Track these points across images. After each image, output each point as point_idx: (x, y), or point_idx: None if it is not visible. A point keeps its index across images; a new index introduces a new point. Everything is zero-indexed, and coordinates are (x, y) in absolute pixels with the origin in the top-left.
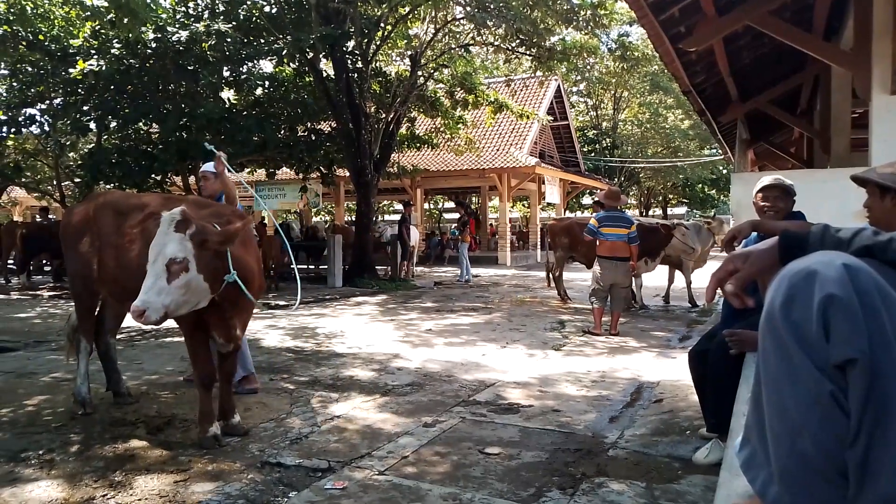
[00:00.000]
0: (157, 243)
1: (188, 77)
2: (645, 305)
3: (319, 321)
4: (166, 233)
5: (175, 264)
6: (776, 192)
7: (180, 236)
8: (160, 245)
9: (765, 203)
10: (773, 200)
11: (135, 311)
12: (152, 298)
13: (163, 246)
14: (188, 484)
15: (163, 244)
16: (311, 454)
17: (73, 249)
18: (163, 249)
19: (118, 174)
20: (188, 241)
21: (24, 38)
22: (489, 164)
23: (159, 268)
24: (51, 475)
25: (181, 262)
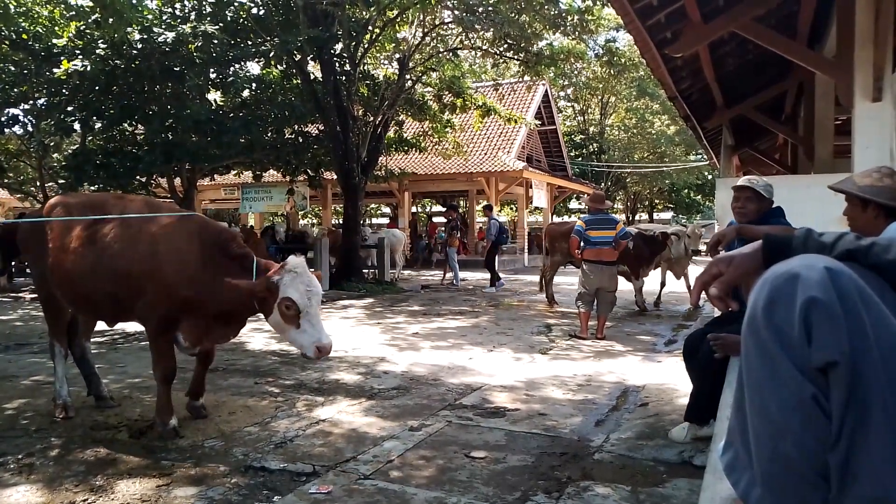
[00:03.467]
0: (305, 282)
1: (174, 78)
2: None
3: None
4: (309, 276)
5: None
6: (747, 193)
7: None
8: (310, 287)
9: (735, 203)
10: (744, 201)
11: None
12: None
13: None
14: (170, 488)
15: (313, 284)
16: (295, 458)
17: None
18: (316, 288)
19: (103, 176)
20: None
21: (6, 38)
22: (477, 167)
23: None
24: (30, 479)
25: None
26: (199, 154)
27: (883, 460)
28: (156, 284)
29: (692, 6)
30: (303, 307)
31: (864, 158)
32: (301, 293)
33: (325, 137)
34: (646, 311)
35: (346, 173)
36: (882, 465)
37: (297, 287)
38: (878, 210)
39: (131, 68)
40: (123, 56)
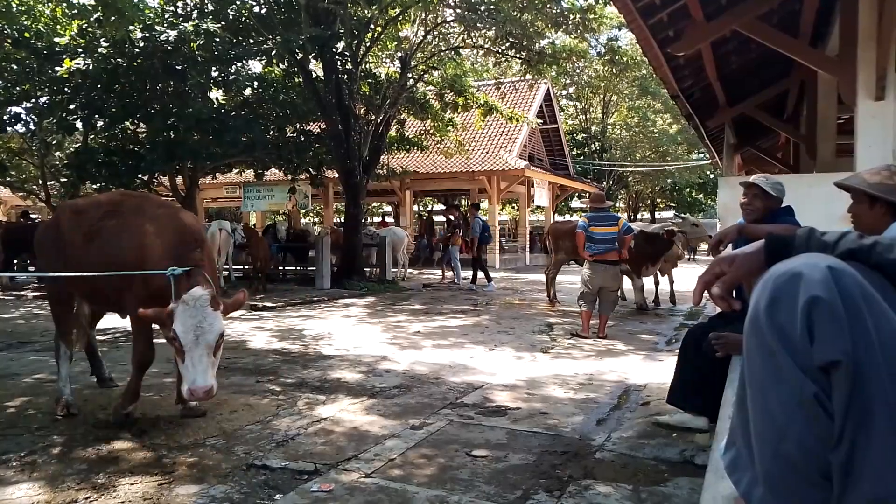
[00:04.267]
0: (196, 324)
1: (176, 77)
2: (646, 307)
3: (307, 323)
4: (205, 311)
5: (221, 338)
6: (754, 191)
7: (218, 314)
8: (200, 325)
9: (742, 200)
10: (751, 198)
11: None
12: (210, 377)
13: (208, 325)
14: (172, 486)
15: (205, 324)
16: (297, 456)
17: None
18: (210, 328)
19: (105, 174)
20: (222, 316)
21: (8, 36)
22: (479, 166)
23: (209, 346)
24: (32, 477)
25: (223, 336)
26: (201, 152)
27: (885, 460)
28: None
29: (695, 5)
30: (185, 344)
31: (866, 157)
32: (186, 328)
33: (326, 136)
34: (647, 310)
35: (348, 172)
36: (884, 464)
37: (184, 321)
38: (886, 208)
39: (133, 67)
40: (125, 54)
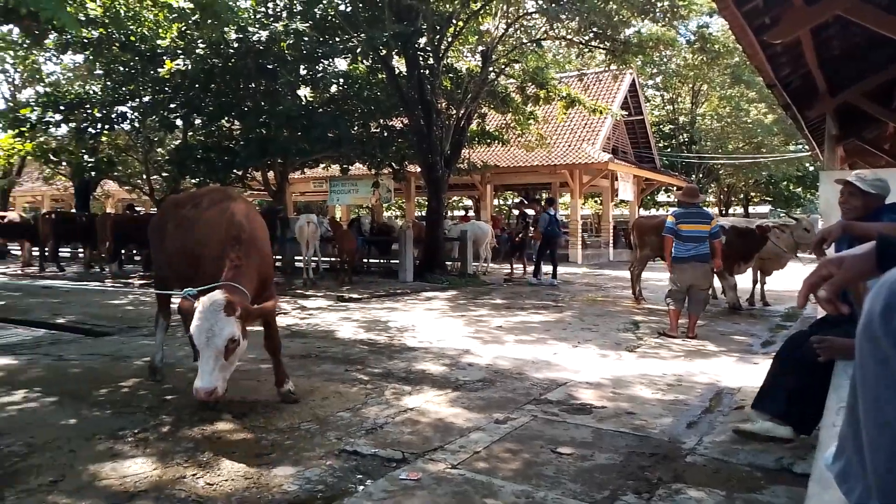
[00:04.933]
0: (207, 326)
1: (268, 76)
2: (739, 307)
3: (391, 315)
4: (216, 316)
5: (232, 343)
6: (849, 189)
7: (231, 319)
8: (210, 328)
9: (840, 198)
10: (847, 196)
11: (204, 392)
12: (216, 379)
13: (218, 329)
14: (271, 467)
15: (216, 328)
16: (385, 444)
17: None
18: (219, 332)
19: (202, 169)
20: (238, 322)
21: (117, 40)
22: (560, 160)
23: (216, 350)
24: (145, 453)
25: (236, 340)
26: (291, 149)
27: None
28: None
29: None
30: (197, 344)
31: None
32: (198, 331)
33: (408, 131)
34: (740, 310)
35: (430, 166)
36: None
37: (197, 323)
38: None
39: (228, 67)
40: (221, 55)
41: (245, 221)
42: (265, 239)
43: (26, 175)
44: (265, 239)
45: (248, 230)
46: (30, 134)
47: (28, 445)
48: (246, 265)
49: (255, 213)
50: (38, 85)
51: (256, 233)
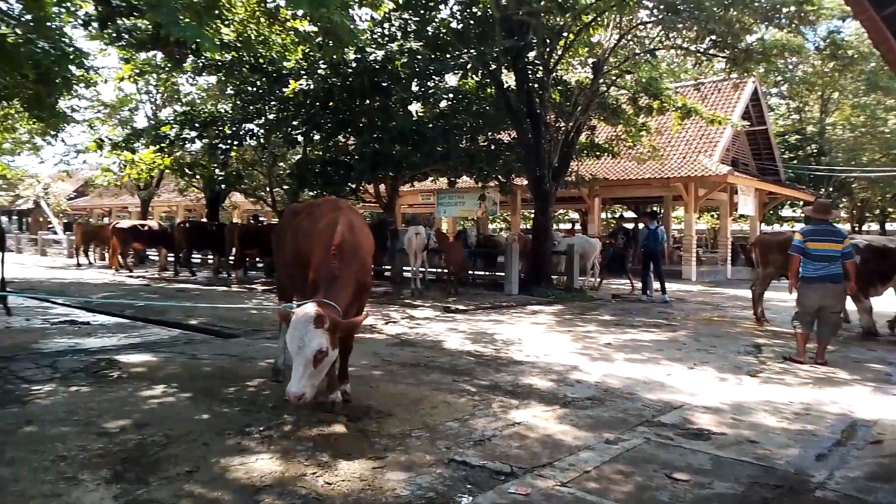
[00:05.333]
0: (298, 336)
1: (382, 93)
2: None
3: (497, 327)
4: (305, 328)
5: (320, 353)
6: None
7: (320, 331)
8: (301, 339)
9: None
10: None
11: (293, 396)
12: (304, 386)
13: (307, 340)
14: (384, 471)
15: (306, 339)
16: (494, 457)
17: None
18: (309, 343)
19: (320, 182)
20: (326, 334)
21: (247, 63)
22: (674, 172)
23: (306, 359)
24: (270, 450)
25: (325, 351)
26: (402, 162)
27: None
28: None
29: None
30: (290, 352)
31: None
32: (291, 340)
33: (516, 144)
34: (877, 335)
35: (538, 179)
36: None
37: (290, 333)
38: None
39: (346, 85)
40: (340, 74)
41: (347, 232)
42: (367, 249)
43: (164, 187)
44: (367, 249)
45: (348, 241)
46: (168, 149)
47: (167, 437)
48: (344, 275)
49: (361, 224)
50: (177, 104)
51: (358, 243)
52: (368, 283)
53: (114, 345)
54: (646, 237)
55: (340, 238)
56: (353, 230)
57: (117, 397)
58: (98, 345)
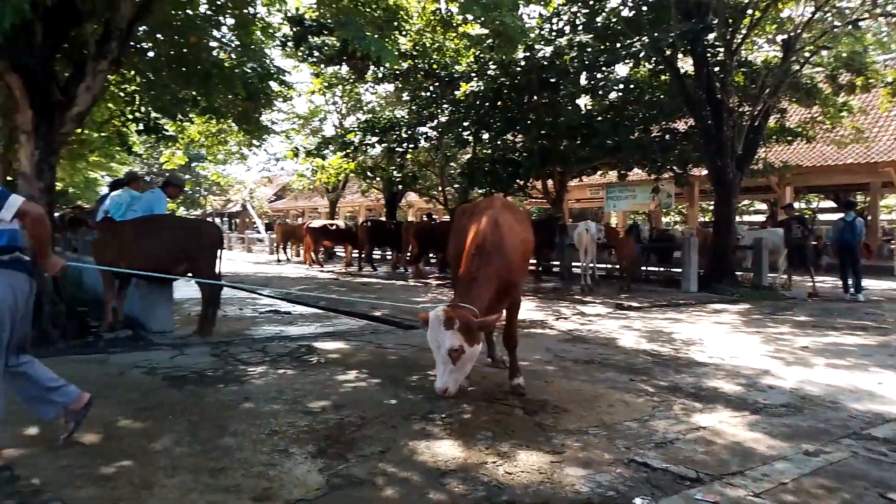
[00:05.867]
0: (434, 337)
1: (550, 88)
2: None
3: (675, 326)
4: (438, 329)
5: (454, 352)
6: None
7: (451, 332)
8: (437, 339)
9: None
10: None
11: (439, 391)
12: (447, 382)
13: (441, 340)
14: (562, 466)
15: (440, 339)
16: (677, 461)
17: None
18: (443, 343)
19: (489, 180)
20: (458, 333)
21: (421, 69)
22: (884, 156)
23: (443, 357)
24: (451, 437)
25: (458, 349)
26: (571, 157)
27: None
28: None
29: None
30: (433, 350)
31: None
32: (429, 339)
33: (693, 133)
34: None
35: (719, 169)
36: None
37: (429, 333)
38: None
39: (514, 84)
40: (509, 74)
41: (490, 231)
42: (514, 247)
43: (348, 189)
44: (514, 247)
45: (490, 240)
46: (353, 155)
47: (361, 418)
48: (482, 275)
49: (512, 222)
50: (359, 112)
51: (502, 241)
52: (514, 280)
53: (311, 333)
54: (841, 229)
55: (481, 238)
56: (499, 228)
57: (317, 380)
58: (298, 332)
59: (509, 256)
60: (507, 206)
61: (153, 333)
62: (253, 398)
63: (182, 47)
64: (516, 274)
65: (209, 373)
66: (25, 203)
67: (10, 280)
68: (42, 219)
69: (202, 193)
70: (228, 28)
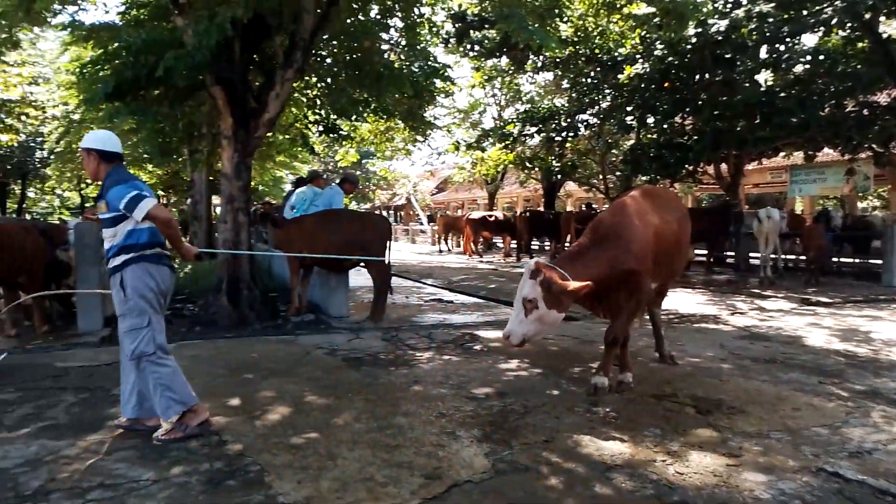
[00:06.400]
0: (521, 283)
1: (724, 65)
2: None
3: (873, 325)
4: (525, 278)
5: (528, 302)
6: None
7: (532, 282)
8: (520, 287)
9: None
10: None
11: (503, 334)
12: (514, 328)
13: (521, 286)
14: (740, 470)
15: (522, 286)
16: (876, 473)
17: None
18: (521, 289)
19: (654, 167)
20: (538, 286)
21: (582, 55)
22: None
23: (518, 304)
24: (617, 431)
25: (532, 301)
26: (748, 138)
27: None
28: None
29: None
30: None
31: None
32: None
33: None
34: None
35: None
36: None
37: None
38: None
39: (683, 63)
40: (678, 53)
41: (608, 217)
42: (631, 235)
43: (506, 180)
44: (631, 235)
45: (605, 225)
46: (511, 146)
47: (524, 406)
48: (589, 255)
49: (650, 210)
50: (518, 103)
51: (620, 228)
52: (631, 268)
53: (474, 321)
54: None
55: (598, 221)
56: (621, 216)
57: (480, 367)
58: (461, 321)
59: (628, 244)
60: (647, 194)
61: (332, 318)
62: (422, 381)
63: (356, 52)
64: (634, 263)
65: (381, 356)
66: (155, 208)
67: (152, 270)
68: (168, 221)
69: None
70: (396, 30)
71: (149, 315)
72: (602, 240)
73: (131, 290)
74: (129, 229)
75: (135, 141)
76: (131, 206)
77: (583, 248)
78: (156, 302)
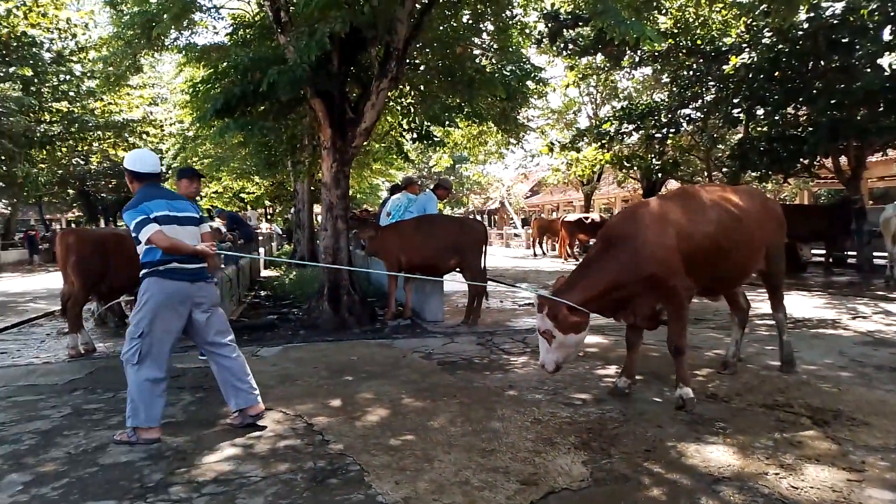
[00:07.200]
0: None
1: (841, 51)
2: None
3: None
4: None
5: (544, 334)
6: None
7: (540, 316)
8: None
9: None
10: None
11: (539, 365)
12: (544, 357)
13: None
14: (863, 486)
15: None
16: None
17: None
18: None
19: (765, 161)
20: (546, 319)
21: (683, 47)
22: None
23: (540, 337)
24: (725, 442)
25: (547, 332)
26: (871, 128)
27: None
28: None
29: None
30: None
31: None
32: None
33: None
34: None
35: None
36: None
37: None
38: None
39: (794, 50)
40: (788, 40)
41: (618, 222)
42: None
43: (603, 181)
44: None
45: (614, 232)
46: (608, 145)
47: (623, 414)
48: (593, 264)
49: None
50: (615, 101)
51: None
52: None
53: None
54: None
55: (604, 229)
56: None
57: (577, 373)
58: None
59: (638, 250)
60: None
61: (427, 322)
62: (516, 386)
63: (448, 58)
64: (657, 268)
65: (476, 360)
66: (154, 234)
67: (165, 285)
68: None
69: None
70: (488, 34)
71: (143, 329)
72: (610, 248)
73: (141, 301)
74: (146, 247)
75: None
76: (136, 231)
77: (591, 261)
78: (166, 315)
